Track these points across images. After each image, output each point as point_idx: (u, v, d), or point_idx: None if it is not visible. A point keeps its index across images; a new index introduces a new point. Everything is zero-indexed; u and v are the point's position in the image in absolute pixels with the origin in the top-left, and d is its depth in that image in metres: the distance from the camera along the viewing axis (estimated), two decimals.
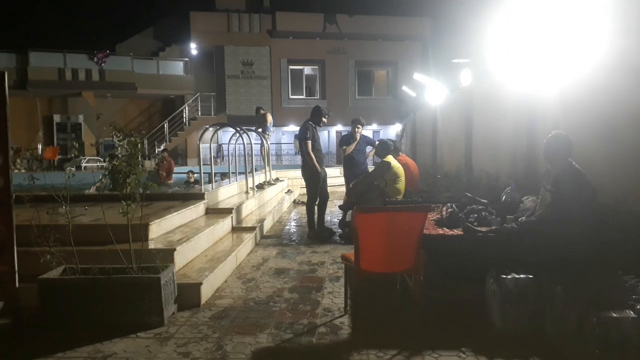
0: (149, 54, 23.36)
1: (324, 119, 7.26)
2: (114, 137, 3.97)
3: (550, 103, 5.37)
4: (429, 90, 11.77)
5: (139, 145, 3.94)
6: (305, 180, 7.29)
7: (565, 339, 2.98)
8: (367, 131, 22.03)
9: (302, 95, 24.38)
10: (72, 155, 14.16)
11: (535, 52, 5.73)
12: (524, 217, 3.96)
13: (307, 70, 24.77)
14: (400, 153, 7.63)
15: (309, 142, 7.01)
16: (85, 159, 18.29)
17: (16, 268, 3.72)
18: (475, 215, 4.29)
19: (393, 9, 23.39)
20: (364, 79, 25.12)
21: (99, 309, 3.63)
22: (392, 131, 23.02)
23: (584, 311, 2.79)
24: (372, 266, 3.57)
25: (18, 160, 17.63)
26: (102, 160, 18.72)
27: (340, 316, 3.84)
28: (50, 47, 20.87)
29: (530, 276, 3.31)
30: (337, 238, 7.10)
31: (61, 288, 3.65)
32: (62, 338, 3.43)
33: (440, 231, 4.00)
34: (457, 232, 3.94)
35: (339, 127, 23.58)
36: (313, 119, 7.21)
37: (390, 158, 6.61)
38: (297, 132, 7.90)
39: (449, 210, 4.44)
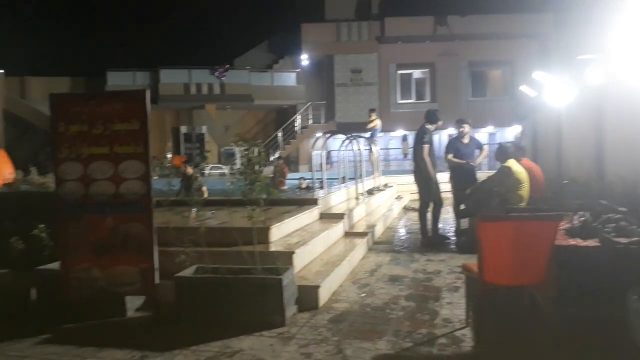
0: (264, 66, 24.63)
1: (439, 123, 7.07)
2: (239, 146, 4.23)
3: None
4: (551, 90, 10.95)
5: (262, 154, 4.17)
6: (418, 186, 7.14)
7: None
8: (481, 134, 21.08)
9: (411, 99, 24.01)
10: (205, 163, 15.62)
11: None
12: None
13: (416, 74, 24.34)
14: (522, 157, 7.08)
15: (426, 147, 6.83)
16: (209, 166, 19.70)
17: (156, 266, 4.11)
18: (613, 225, 3.88)
19: (508, 7, 22.16)
20: (478, 79, 24.11)
21: (226, 307, 3.89)
22: (509, 133, 21.76)
23: None
24: (498, 278, 3.39)
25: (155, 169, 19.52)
26: (223, 167, 20.05)
27: (461, 328, 3.71)
28: (177, 64, 22.84)
29: None
30: (453, 246, 6.86)
31: (195, 286, 3.96)
32: (195, 332, 3.72)
33: (573, 242, 3.69)
34: (593, 243, 3.61)
35: (451, 130, 22.85)
36: (429, 122, 7.01)
37: (511, 162, 6.15)
38: (414, 135, 7.68)
39: (582, 219, 4.08)
